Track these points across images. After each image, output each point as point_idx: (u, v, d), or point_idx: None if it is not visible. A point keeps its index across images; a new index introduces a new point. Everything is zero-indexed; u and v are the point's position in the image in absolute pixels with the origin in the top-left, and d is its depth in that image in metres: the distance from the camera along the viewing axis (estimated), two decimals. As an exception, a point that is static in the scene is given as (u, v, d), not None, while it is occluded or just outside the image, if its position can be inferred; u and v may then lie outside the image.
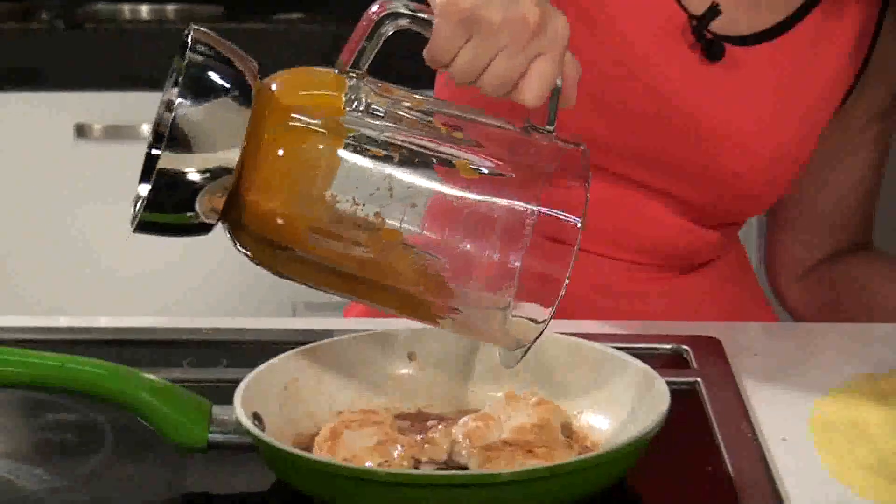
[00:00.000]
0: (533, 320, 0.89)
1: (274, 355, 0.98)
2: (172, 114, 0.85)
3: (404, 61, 1.10)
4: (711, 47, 1.24)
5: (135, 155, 1.04)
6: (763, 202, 1.33)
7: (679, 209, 1.29)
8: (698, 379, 1.07)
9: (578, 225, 0.88)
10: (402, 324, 1.02)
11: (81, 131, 2.13)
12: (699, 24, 1.23)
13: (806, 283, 1.39)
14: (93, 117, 2.13)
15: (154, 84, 1.46)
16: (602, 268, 1.30)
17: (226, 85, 0.86)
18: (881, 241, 1.41)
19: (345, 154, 0.87)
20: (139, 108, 2.10)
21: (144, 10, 2.36)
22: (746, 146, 1.26)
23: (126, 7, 2.36)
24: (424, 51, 0.90)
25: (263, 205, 0.87)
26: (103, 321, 1.22)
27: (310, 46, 2.12)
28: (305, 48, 2.12)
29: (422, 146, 0.88)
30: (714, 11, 1.23)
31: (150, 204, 0.86)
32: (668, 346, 1.14)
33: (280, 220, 0.88)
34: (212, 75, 0.86)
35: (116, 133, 2.13)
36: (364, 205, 0.87)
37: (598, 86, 1.20)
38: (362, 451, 0.91)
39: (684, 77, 1.24)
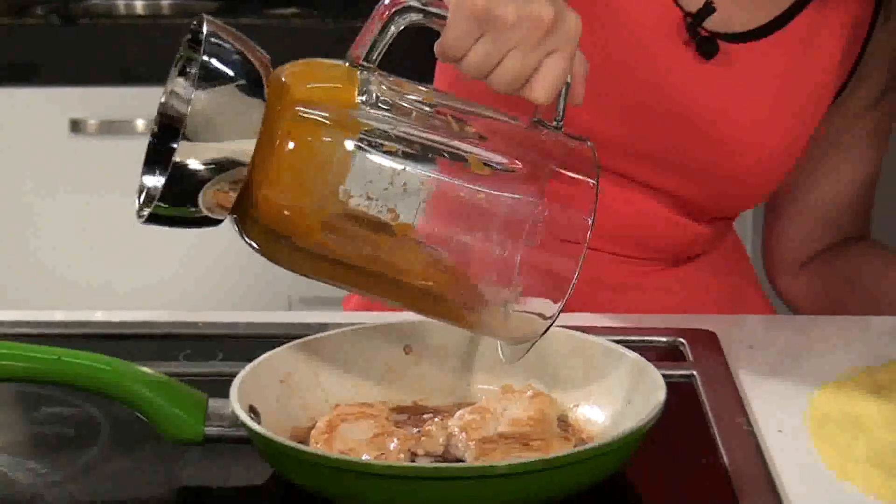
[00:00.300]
0: (541, 315, 0.88)
1: (270, 349, 0.98)
2: (189, 105, 0.83)
3: (402, 57, 1.10)
4: (705, 45, 1.24)
5: (130, 150, 1.04)
6: (758, 196, 1.33)
7: (674, 204, 1.29)
8: (694, 372, 1.07)
9: (589, 222, 0.88)
10: (397, 317, 1.02)
11: (76, 126, 2.13)
12: (693, 22, 1.23)
13: (803, 275, 1.39)
14: (87, 112, 2.13)
15: (149, 79, 1.46)
16: (597, 261, 1.30)
17: (240, 76, 0.84)
18: (880, 239, 1.41)
19: (358, 148, 0.86)
20: (134, 104, 2.10)
21: (139, 5, 2.36)
22: (743, 142, 1.26)
23: (121, 2, 2.36)
24: (436, 45, 0.89)
25: (274, 198, 0.86)
26: (99, 315, 1.22)
27: (305, 42, 2.12)
28: (300, 43, 2.11)
29: (434, 141, 0.87)
30: (708, 9, 1.23)
31: (165, 196, 0.84)
32: (664, 339, 1.14)
33: (291, 214, 0.86)
34: (227, 67, 0.84)
35: (111, 128, 2.13)
36: (377, 199, 0.86)
37: (594, 82, 1.20)
38: (358, 444, 0.91)
39: (680, 74, 1.24)
